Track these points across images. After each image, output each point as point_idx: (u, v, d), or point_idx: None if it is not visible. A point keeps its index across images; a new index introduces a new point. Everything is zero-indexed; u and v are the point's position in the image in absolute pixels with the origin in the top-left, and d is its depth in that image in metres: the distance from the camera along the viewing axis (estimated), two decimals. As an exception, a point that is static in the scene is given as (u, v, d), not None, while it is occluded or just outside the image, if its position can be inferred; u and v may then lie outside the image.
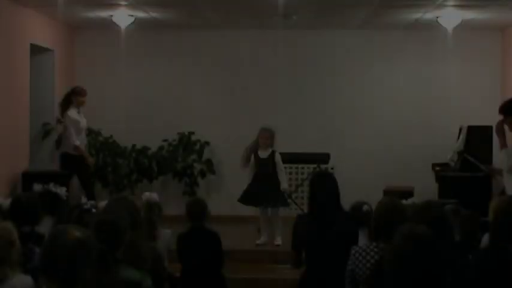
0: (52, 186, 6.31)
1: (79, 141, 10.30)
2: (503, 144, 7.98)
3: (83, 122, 10.47)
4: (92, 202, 5.26)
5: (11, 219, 5.31)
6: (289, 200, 11.53)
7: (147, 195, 6.72)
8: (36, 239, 5.07)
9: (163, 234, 6.61)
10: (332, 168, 11.53)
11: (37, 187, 6.35)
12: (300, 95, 12.30)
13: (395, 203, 4.77)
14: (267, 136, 9.68)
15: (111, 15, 10.84)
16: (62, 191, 6.33)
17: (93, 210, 5.13)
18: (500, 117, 8.09)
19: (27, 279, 4.22)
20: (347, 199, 5.94)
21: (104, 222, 4.11)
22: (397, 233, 3.35)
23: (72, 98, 10.40)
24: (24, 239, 4.48)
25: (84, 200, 5.32)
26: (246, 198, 9.76)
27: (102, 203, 5.66)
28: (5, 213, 5.86)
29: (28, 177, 9.78)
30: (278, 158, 9.69)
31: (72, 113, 10.30)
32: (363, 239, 5.56)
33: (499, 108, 8.06)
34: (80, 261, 3.18)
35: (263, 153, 9.69)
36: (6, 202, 6.02)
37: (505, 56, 11.95)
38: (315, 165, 11.35)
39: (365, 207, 5.67)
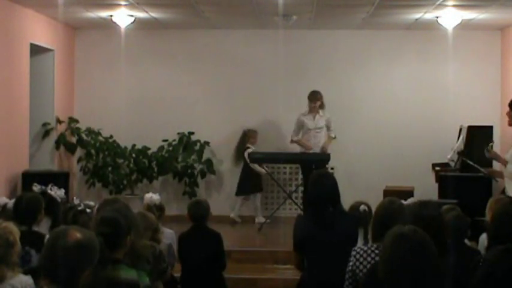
0: (50, 188, 6.29)
1: (308, 139, 11.15)
2: (503, 161, 8.45)
3: (311, 124, 11.14)
4: (88, 203, 5.25)
5: (13, 219, 5.33)
6: (289, 200, 11.59)
7: (148, 198, 6.67)
8: (34, 240, 5.06)
9: (166, 234, 6.60)
10: (332, 168, 11.52)
11: (36, 188, 6.34)
12: (300, 95, 12.26)
13: (395, 204, 4.76)
14: None
15: (111, 15, 10.84)
16: (60, 192, 6.31)
17: (88, 210, 5.11)
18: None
19: (28, 280, 4.22)
20: (347, 199, 5.94)
21: (106, 219, 4.08)
22: (387, 234, 3.35)
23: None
24: (21, 239, 4.47)
25: (77, 201, 5.31)
26: None
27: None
28: (8, 213, 5.87)
29: (28, 177, 9.78)
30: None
31: (302, 114, 11.17)
32: (359, 239, 5.55)
33: (510, 102, 8.44)
34: (81, 263, 3.18)
35: None
36: (11, 202, 6.03)
37: (505, 56, 11.94)
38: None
39: (362, 208, 5.65)
